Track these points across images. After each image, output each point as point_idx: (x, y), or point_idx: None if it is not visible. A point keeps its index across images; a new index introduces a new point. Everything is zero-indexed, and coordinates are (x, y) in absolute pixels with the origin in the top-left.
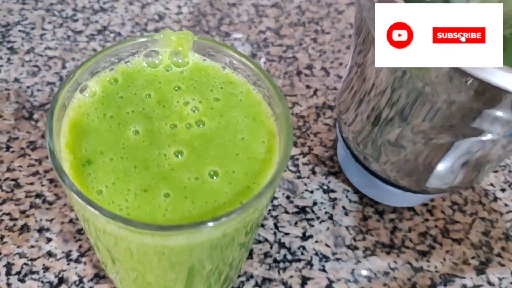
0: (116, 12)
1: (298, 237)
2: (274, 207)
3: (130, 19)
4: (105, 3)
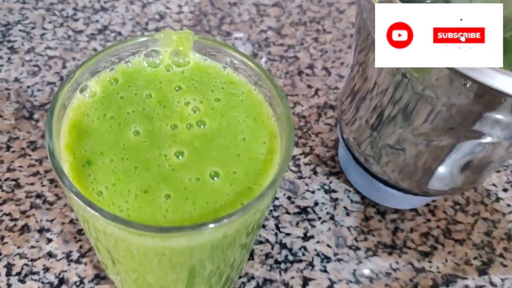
0: (116, 12)
1: (299, 237)
2: (275, 208)
3: (130, 19)
4: (105, 2)
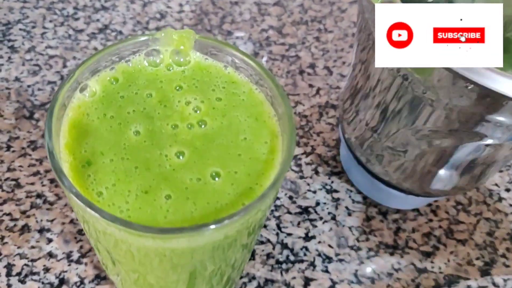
0: (117, 11)
1: (300, 237)
2: (276, 208)
3: (131, 18)
4: (106, 1)
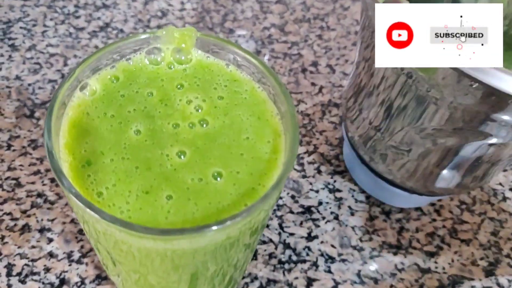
0: (118, 9)
1: (303, 237)
2: (278, 207)
3: (132, 16)
4: None
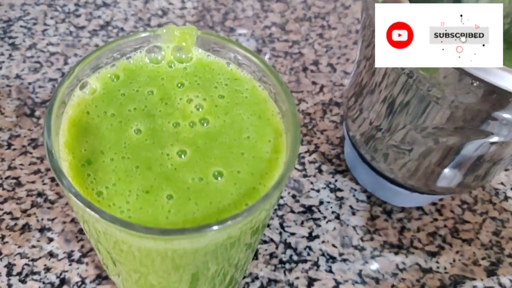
0: (119, 7)
1: (304, 237)
2: (279, 207)
3: (133, 14)
4: None
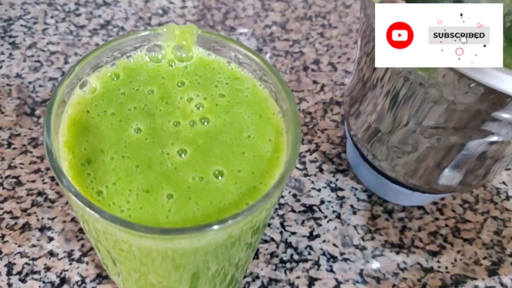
0: (119, 6)
1: (305, 236)
2: (280, 206)
3: (133, 13)
4: None
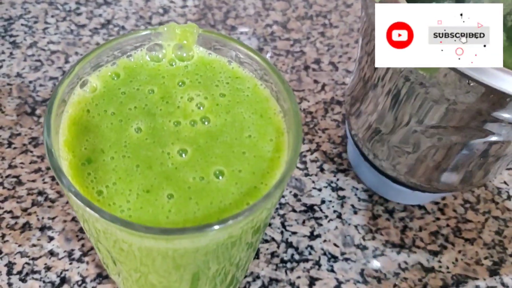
0: (120, 6)
1: (305, 236)
2: (281, 206)
3: (134, 13)
4: None
